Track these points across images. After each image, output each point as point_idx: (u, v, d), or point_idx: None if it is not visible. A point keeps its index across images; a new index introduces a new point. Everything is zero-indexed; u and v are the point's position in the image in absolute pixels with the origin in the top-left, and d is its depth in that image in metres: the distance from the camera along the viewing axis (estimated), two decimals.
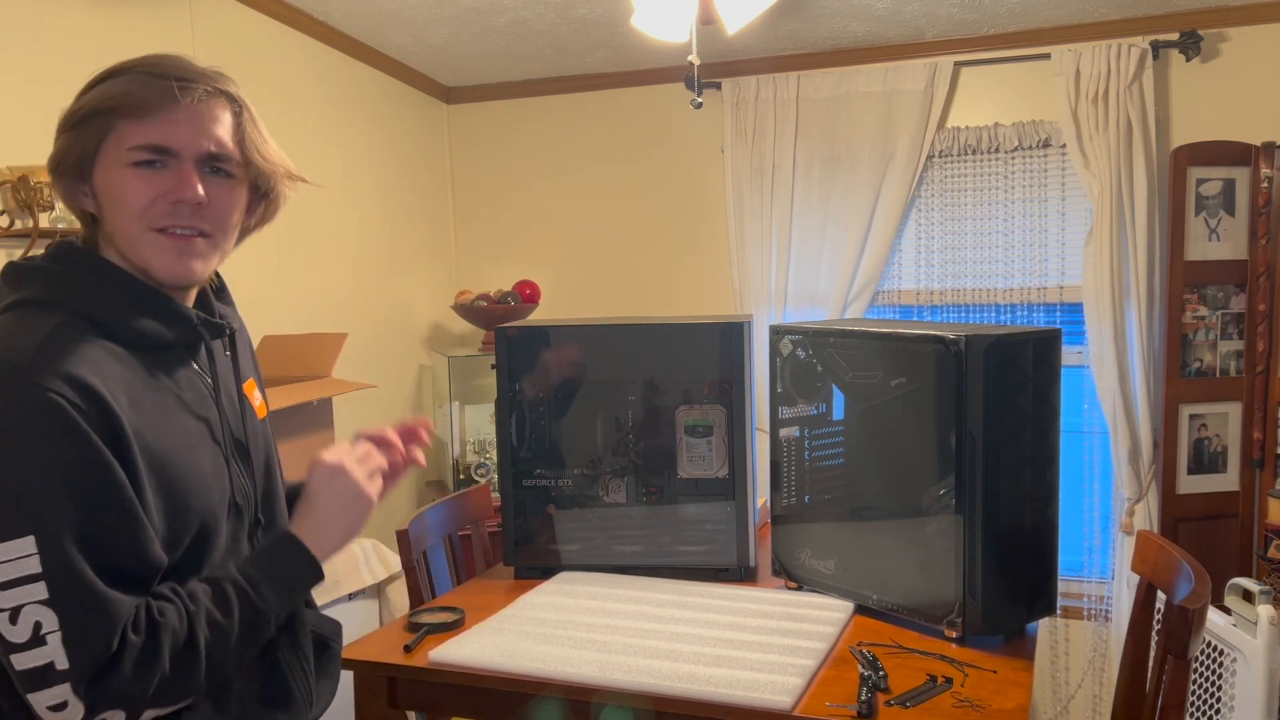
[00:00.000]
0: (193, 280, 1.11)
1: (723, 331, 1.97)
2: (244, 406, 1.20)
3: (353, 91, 3.25)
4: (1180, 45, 2.89)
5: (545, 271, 3.69)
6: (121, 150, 1.04)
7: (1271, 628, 2.20)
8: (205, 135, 1.06)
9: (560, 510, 2.04)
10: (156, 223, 1.05)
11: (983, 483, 1.59)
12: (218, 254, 1.12)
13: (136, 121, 1.04)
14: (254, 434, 1.21)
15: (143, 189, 1.04)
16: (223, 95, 1.09)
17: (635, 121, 3.57)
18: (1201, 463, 2.95)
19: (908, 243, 3.26)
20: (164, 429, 1.05)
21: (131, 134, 1.04)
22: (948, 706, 1.41)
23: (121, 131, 1.04)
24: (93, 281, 1.07)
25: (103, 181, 1.06)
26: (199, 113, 1.06)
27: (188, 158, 1.06)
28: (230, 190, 1.11)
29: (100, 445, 0.96)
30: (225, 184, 1.10)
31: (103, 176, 1.06)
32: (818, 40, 3.16)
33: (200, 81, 1.06)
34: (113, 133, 1.04)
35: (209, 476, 1.09)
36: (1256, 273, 2.84)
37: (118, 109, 1.04)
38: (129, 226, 1.06)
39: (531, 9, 2.93)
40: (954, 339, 1.60)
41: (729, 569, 1.99)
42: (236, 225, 1.14)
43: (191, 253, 1.08)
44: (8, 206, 2.18)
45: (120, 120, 1.04)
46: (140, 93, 1.04)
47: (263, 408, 1.27)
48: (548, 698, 1.52)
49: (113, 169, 1.05)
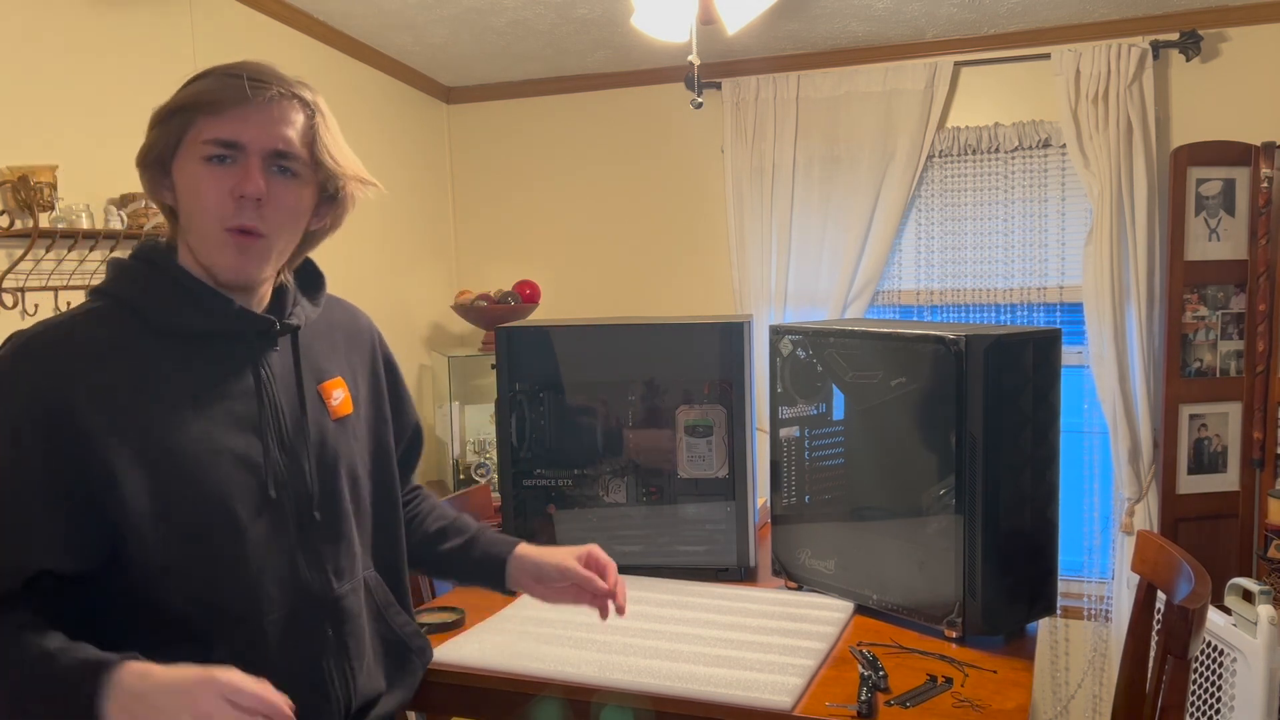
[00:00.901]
0: (249, 280, 1.15)
1: (723, 331, 1.97)
2: (305, 403, 1.21)
3: (353, 91, 3.25)
4: (1180, 45, 2.89)
5: (545, 271, 3.69)
6: (198, 145, 1.10)
7: (1271, 628, 2.20)
8: (273, 132, 1.11)
9: (560, 510, 2.04)
10: (227, 221, 1.10)
11: (983, 483, 1.59)
12: (274, 254, 1.15)
13: (212, 117, 1.09)
14: (318, 430, 1.22)
15: (211, 184, 1.09)
16: (296, 98, 1.14)
17: (635, 121, 3.57)
18: (1201, 463, 2.95)
19: (908, 243, 3.26)
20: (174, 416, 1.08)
21: (206, 129, 1.09)
22: (948, 706, 1.41)
23: (199, 127, 1.10)
24: (149, 272, 1.14)
25: (180, 175, 1.12)
26: (269, 111, 1.11)
27: (254, 153, 1.10)
28: (295, 190, 1.14)
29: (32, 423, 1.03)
30: (291, 183, 1.14)
31: (180, 170, 1.12)
32: (818, 40, 3.16)
33: (274, 84, 1.12)
34: (191, 128, 1.10)
35: (227, 465, 1.11)
36: (1256, 273, 2.85)
37: (197, 105, 1.10)
38: (203, 223, 1.11)
39: (531, 9, 2.93)
40: (954, 339, 1.60)
41: (729, 569, 1.99)
42: (298, 227, 1.18)
43: (249, 251, 1.12)
44: (8, 206, 2.18)
45: (199, 116, 1.10)
46: (217, 91, 1.10)
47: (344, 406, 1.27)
48: (548, 698, 1.52)
49: (188, 163, 1.11)
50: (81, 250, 2.31)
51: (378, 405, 1.36)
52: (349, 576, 1.25)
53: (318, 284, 1.31)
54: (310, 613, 1.19)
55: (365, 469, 1.30)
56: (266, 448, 1.15)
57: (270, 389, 1.17)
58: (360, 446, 1.30)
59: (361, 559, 1.28)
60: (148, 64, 2.55)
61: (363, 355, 1.35)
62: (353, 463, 1.27)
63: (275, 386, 1.18)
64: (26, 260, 2.21)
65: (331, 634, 1.21)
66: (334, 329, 1.32)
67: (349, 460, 1.26)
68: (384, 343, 1.42)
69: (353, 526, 1.26)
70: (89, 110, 2.41)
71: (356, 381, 1.31)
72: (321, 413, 1.23)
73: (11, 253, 2.21)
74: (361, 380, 1.33)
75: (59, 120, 2.34)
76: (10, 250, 2.21)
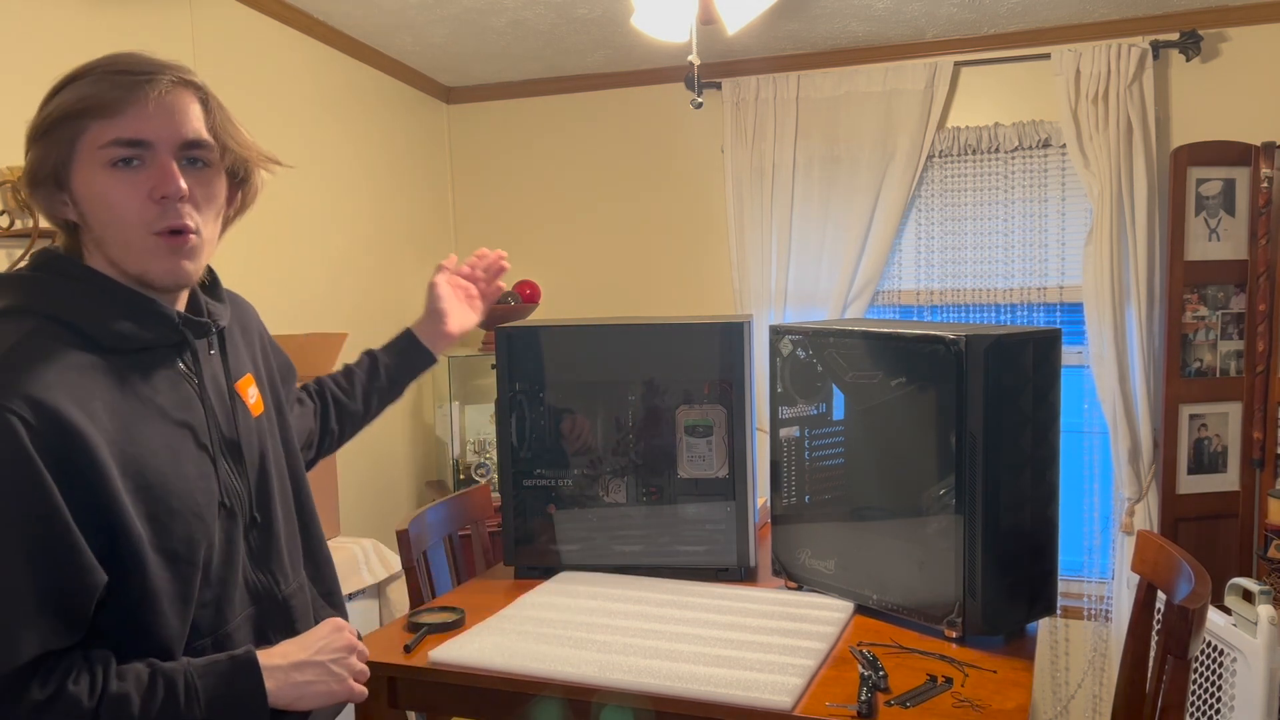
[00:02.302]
0: (188, 281, 1.09)
1: (723, 331, 1.97)
2: (235, 405, 1.19)
3: (353, 92, 3.25)
4: (1180, 45, 2.89)
5: (545, 271, 3.69)
6: (96, 151, 1.02)
7: (1271, 628, 2.20)
8: (178, 124, 1.04)
9: (560, 510, 2.04)
10: (154, 226, 1.04)
11: (983, 483, 1.59)
12: (205, 249, 1.10)
13: (107, 120, 1.02)
14: (246, 433, 1.19)
15: (125, 190, 1.03)
16: (188, 85, 1.07)
17: (635, 121, 3.57)
18: (1201, 463, 2.95)
19: (908, 243, 3.26)
20: (141, 436, 1.04)
21: (104, 132, 1.02)
22: (948, 706, 1.41)
23: (94, 133, 1.02)
24: (70, 286, 1.06)
25: (82, 187, 1.04)
26: (169, 104, 1.04)
27: (164, 149, 1.04)
28: (210, 180, 1.09)
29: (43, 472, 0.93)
30: (204, 174, 1.08)
31: (81, 182, 1.04)
32: (818, 40, 3.16)
33: (164, 73, 1.05)
34: (85, 135, 1.02)
35: (193, 480, 1.08)
36: (1256, 273, 2.85)
37: (87, 111, 1.02)
38: (126, 233, 1.04)
39: (531, 9, 2.93)
40: (954, 339, 1.60)
41: (729, 569, 1.99)
42: (219, 216, 1.12)
43: (183, 252, 1.06)
44: (8, 206, 2.18)
45: (91, 121, 1.02)
46: (107, 92, 1.02)
47: (259, 405, 1.25)
48: (548, 698, 1.52)
49: (91, 172, 1.03)
50: None
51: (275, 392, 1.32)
52: (293, 575, 1.25)
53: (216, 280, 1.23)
54: (266, 616, 1.19)
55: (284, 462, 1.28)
56: (214, 456, 1.12)
57: (208, 395, 1.14)
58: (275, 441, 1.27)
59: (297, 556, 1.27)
60: None
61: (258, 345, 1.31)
62: (278, 459, 1.26)
63: (208, 392, 1.14)
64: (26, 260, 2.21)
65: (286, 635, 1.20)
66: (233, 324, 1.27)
67: (274, 457, 1.25)
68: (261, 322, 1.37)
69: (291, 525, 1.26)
70: None
71: (260, 375, 1.28)
72: (245, 413, 1.20)
73: (11, 253, 2.21)
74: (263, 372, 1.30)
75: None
76: (10, 250, 2.21)
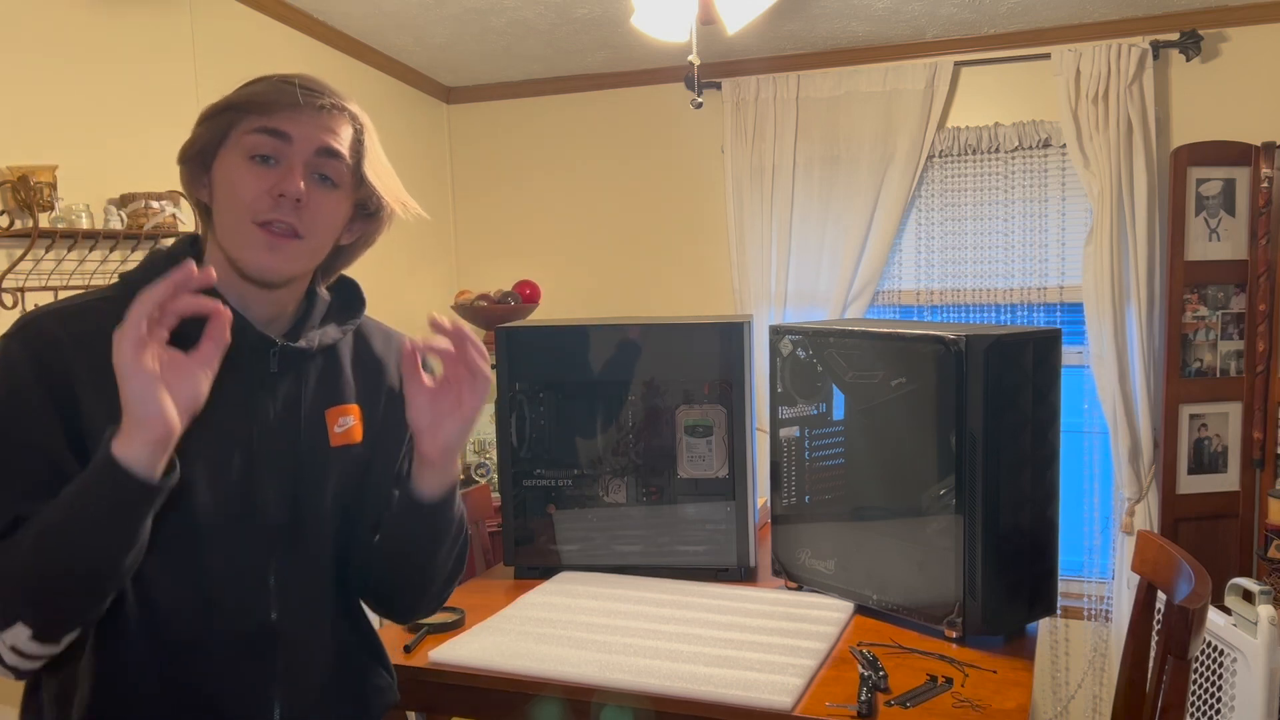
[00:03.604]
0: (275, 277, 1.11)
1: (723, 331, 1.97)
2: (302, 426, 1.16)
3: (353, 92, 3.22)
4: (1180, 45, 2.89)
5: (545, 271, 3.69)
6: (243, 138, 1.08)
7: (1271, 628, 2.20)
8: (321, 132, 1.10)
9: (560, 510, 2.04)
10: (258, 216, 1.07)
11: (983, 483, 1.59)
12: (306, 256, 1.12)
13: (261, 116, 1.08)
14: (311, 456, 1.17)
15: (252, 181, 1.07)
16: (346, 111, 1.13)
17: (635, 121, 3.57)
18: (1202, 463, 2.95)
19: (908, 243, 3.26)
20: None
21: (254, 122, 1.08)
22: (948, 706, 1.41)
23: (247, 123, 1.09)
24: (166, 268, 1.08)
25: (220, 171, 1.10)
26: (319, 115, 1.10)
27: (299, 150, 1.09)
28: (333, 199, 1.12)
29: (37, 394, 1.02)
30: (330, 193, 1.12)
31: (221, 166, 1.10)
32: (818, 40, 3.16)
33: (327, 94, 1.12)
34: (239, 125, 1.09)
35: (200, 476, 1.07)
36: (1256, 273, 2.84)
37: (248, 105, 1.09)
38: (233, 216, 1.09)
39: (531, 9, 2.93)
40: (954, 339, 1.60)
41: (729, 569, 1.99)
42: (332, 235, 1.15)
43: (282, 251, 1.09)
44: (8, 206, 2.18)
45: (247, 115, 1.09)
46: (270, 93, 1.09)
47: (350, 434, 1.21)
48: (548, 698, 1.52)
49: (231, 160, 1.09)
50: (81, 250, 2.31)
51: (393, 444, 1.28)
52: (315, 608, 1.19)
53: (354, 308, 1.28)
54: (264, 639, 1.14)
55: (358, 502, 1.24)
56: (248, 465, 1.11)
57: (265, 407, 1.13)
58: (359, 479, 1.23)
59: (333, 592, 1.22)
60: (147, 64, 2.55)
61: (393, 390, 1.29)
62: (344, 493, 1.21)
63: (275, 405, 1.14)
64: (26, 260, 2.21)
65: (282, 663, 1.15)
66: (365, 357, 1.27)
67: (341, 490, 1.20)
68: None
69: (327, 559, 1.20)
70: (89, 110, 2.41)
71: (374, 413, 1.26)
72: (321, 437, 1.18)
73: (11, 253, 2.21)
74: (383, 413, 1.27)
75: (59, 120, 2.34)
76: (10, 250, 2.21)
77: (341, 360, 1.24)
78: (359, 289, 1.31)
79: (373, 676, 1.29)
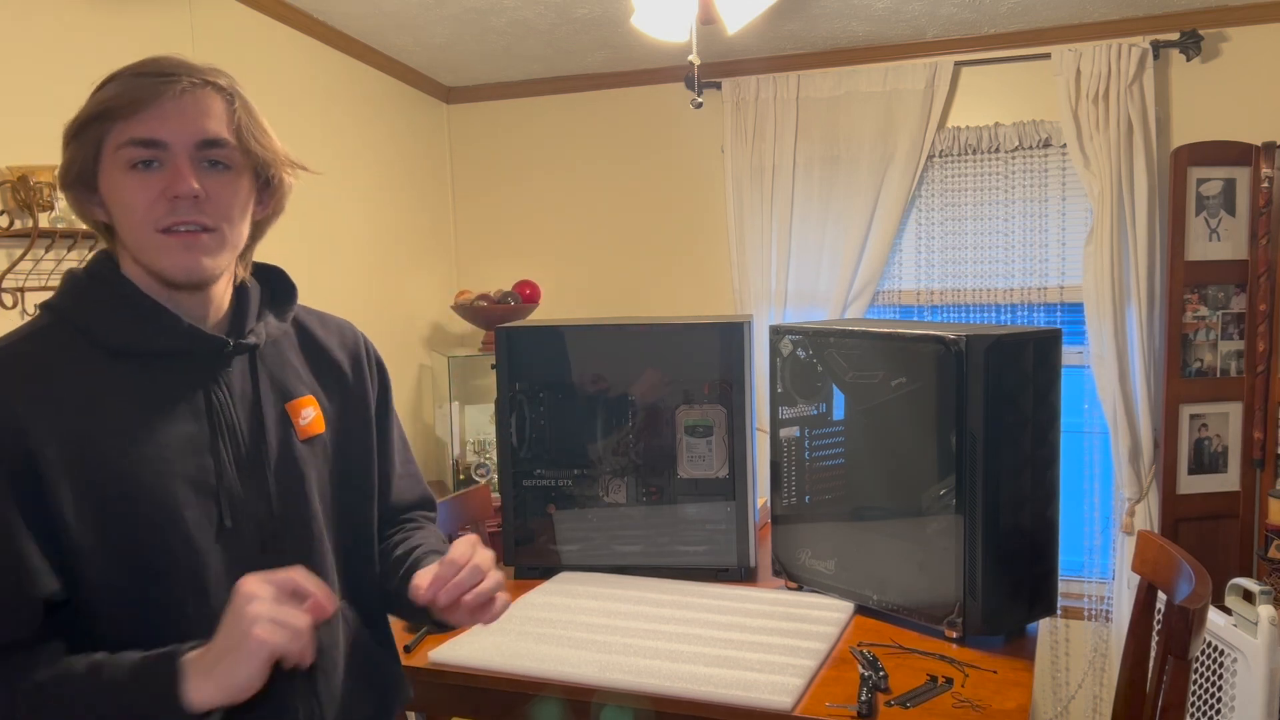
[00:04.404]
0: (203, 276, 1.08)
1: (723, 331, 1.97)
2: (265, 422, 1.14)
3: (353, 92, 3.25)
4: (1180, 45, 2.89)
5: (545, 271, 3.69)
6: (116, 152, 1.04)
7: (1272, 628, 2.20)
8: (195, 124, 1.04)
9: (560, 510, 2.04)
10: (160, 223, 1.04)
11: (983, 483, 1.59)
12: (227, 248, 1.09)
13: (126, 121, 1.03)
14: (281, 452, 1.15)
15: (141, 191, 1.03)
16: (211, 85, 1.06)
17: (635, 121, 3.57)
18: (1202, 463, 2.95)
19: (908, 243, 3.26)
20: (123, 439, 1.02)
21: (123, 133, 1.03)
22: (948, 707, 1.41)
23: (115, 134, 1.04)
24: (93, 289, 1.08)
25: (107, 188, 1.06)
26: (186, 104, 1.04)
27: (179, 150, 1.04)
28: (229, 181, 1.08)
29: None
30: (224, 176, 1.07)
31: (106, 183, 1.06)
32: (818, 40, 3.16)
33: (186, 75, 1.05)
34: (108, 137, 1.04)
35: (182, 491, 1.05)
36: (1257, 273, 2.84)
37: (109, 112, 1.04)
38: (136, 231, 1.05)
39: (531, 9, 2.93)
40: (954, 339, 1.60)
41: (729, 569, 1.99)
42: (244, 217, 1.11)
43: (197, 248, 1.05)
44: (8, 206, 2.18)
45: (113, 123, 1.04)
46: (128, 93, 1.04)
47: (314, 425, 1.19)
48: (548, 698, 1.52)
49: (113, 175, 1.05)
50: (81, 250, 2.31)
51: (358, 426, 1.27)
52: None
53: (287, 297, 1.24)
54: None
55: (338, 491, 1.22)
56: (220, 471, 1.09)
57: (227, 409, 1.11)
58: (332, 467, 1.22)
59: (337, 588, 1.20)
60: None
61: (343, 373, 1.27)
62: (324, 484, 1.20)
63: (234, 406, 1.11)
64: (26, 260, 2.21)
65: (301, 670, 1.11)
66: (310, 345, 1.25)
67: (319, 482, 1.19)
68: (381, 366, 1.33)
69: (324, 553, 1.19)
70: None
71: (332, 400, 1.24)
72: (287, 432, 1.16)
73: (11, 253, 2.21)
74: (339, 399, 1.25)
75: (59, 120, 2.32)
76: (10, 250, 2.21)
77: (286, 353, 1.21)
78: (286, 275, 1.26)
79: (389, 672, 1.29)
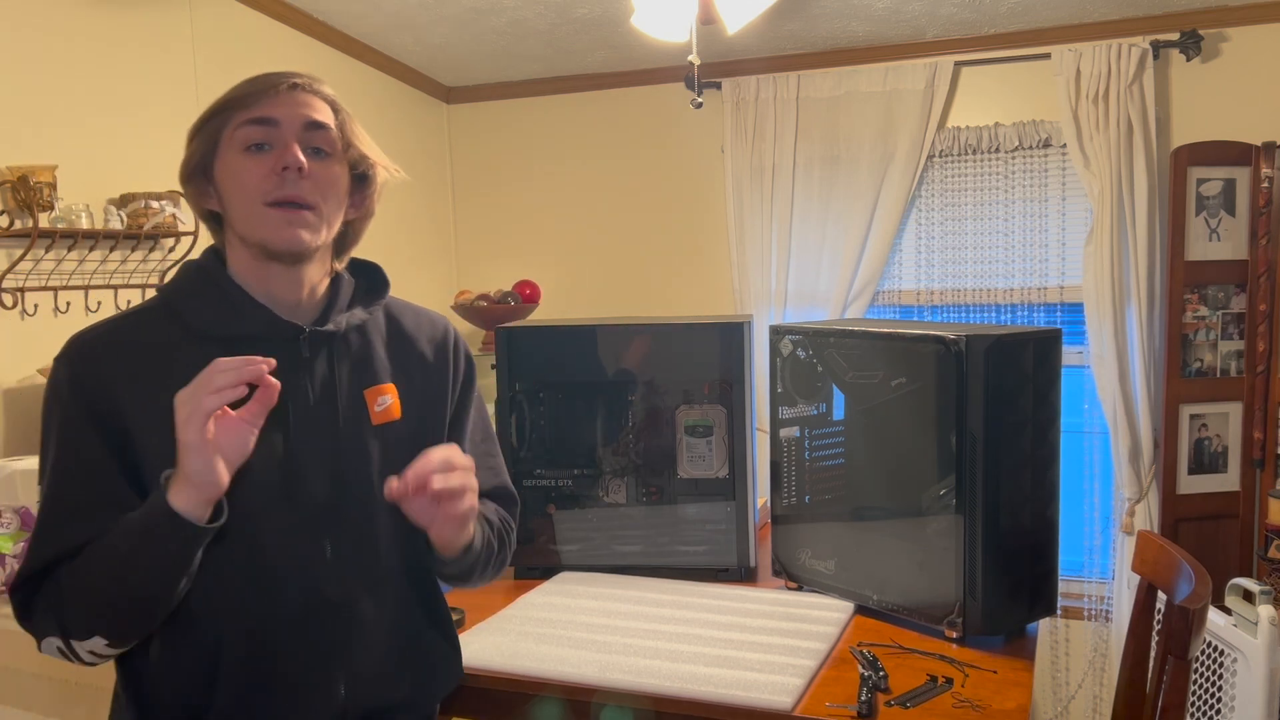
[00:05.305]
0: (300, 248, 1.17)
1: (723, 331, 1.97)
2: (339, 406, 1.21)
3: (353, 91, 3.25)
4: (1180, 45, 2.89)
5: (545, 271, 3.69)
6: (234, 134, 1.15)
7: (1272, 628, 2.20)
8: (303, 109, 1.16)
9: (560, 510, 2.04)
10: (269, 196, 1.13)
11: (983, 483, 1.59)
12: (324, 226, 1.18)
13: (244, 110, 1.15)
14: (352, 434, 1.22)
15: (254, 168, 1.14)
16: (320, 94, 1.19)
17: (635, 121, 3.57)
18: (1202, 463, 2.95)
19: (908, 243, 3.26)
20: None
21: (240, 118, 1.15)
22: (948, 707, 1.41)
23: (234, 121, 1.15)
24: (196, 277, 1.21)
25: (222, 173, 1.17)
26: (297, 95, 1.17)
27: (289, 129, 1.15)
28: (329, 166, 1.18)
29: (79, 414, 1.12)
30: (325, 161, 1.18)
31: (221, 168, 1.17)
32: (818, 40, 3.16)
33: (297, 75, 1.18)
34: (227, 126, 1.16)
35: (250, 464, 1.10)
36: (1257, 273, 2.84)
37: (229, 104, 1.16)
38: (245, 206, 1.15)
39: (531, 9, 2.93)
40: (954, 339, 1.60)
41: (729, 569, 1.98)
42: (339, 203, 1.21)
43: (298, 222, 1.15)
44: (8, 206, 2.18)
45: (233, 112, 1.15)
46: (245, 88, 1.17)
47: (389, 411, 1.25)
48: (548, 698, 1.52)
49: (229, 158, 1.16)
50: (81, 250, 2.31)
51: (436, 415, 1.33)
52: (372, 583, 1.23)
53: (378, 289, 1.33)
54: (325, 617, 1.18)
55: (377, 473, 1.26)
56: (290, 449, 1.17)
57: (302, 391, 1.19)
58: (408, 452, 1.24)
59: (391, 568, 1.26)
60: (147, 64, 2.55)
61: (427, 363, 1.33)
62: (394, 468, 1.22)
63: (311, 389, 1.20)
64: (26, 260, 2.21)
65: (343, 639, 1.20)
66: (397, 335, 1.31)
67: (388, 465, 1.23)
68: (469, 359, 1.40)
69: (379, 534, 1.24)
70: (89, 110, 2.41)
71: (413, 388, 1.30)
72: (360, 416, 1.23)
73: (11, 253, 2.21)
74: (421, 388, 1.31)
75: (59, 120, 2.34)
76: (10, 250, 2.21)
77: (373, 341, 1.29)
78: (381, 271, 1.35)
79: (436, 652, 1.34)
